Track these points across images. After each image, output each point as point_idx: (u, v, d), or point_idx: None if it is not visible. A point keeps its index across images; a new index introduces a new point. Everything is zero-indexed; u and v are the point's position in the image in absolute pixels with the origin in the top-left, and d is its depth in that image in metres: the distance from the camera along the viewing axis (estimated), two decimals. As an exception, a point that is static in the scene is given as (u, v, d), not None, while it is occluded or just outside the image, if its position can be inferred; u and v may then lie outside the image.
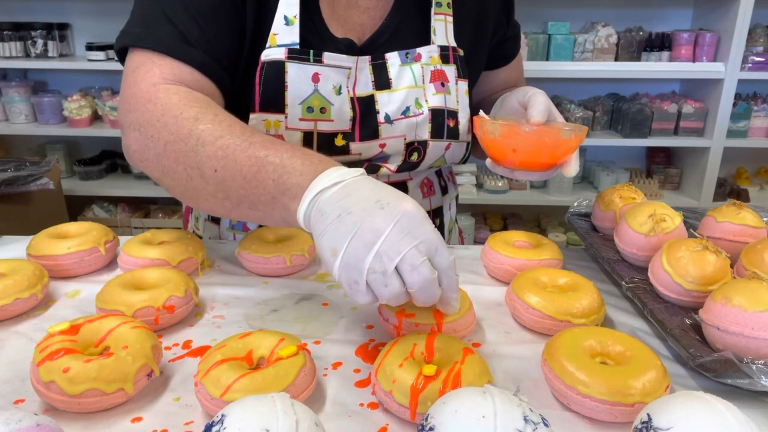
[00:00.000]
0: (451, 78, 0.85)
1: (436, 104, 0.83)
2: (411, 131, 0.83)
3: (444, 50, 0.84)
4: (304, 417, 0.41)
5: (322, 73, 0.77)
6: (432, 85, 0.83)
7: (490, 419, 0.39)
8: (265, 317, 0.68)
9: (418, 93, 0.83)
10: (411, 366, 0.51)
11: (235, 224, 0.94)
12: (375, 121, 0.82)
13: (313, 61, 0.76)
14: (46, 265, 0.73)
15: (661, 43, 2.41)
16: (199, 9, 0.71)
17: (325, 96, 0.78)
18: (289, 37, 0.76)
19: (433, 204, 0.96)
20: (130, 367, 0.51)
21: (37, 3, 2.64)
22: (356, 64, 0.80)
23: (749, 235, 0.73)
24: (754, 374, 0.51)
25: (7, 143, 2.82)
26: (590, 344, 0.55)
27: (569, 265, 0.83)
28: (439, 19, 0.85)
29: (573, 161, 0.73)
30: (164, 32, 0.71)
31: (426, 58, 0.83)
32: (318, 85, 0.77)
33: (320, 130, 0.79)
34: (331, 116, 0.79)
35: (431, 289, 0.51)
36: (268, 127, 0.78)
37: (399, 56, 0.82)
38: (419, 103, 0.83)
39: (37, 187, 2.04)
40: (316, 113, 0.78)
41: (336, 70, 0.78)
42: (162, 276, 0.68)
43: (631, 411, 0.49)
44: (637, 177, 2.69)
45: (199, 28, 0.71)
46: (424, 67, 0.83)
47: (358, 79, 0.81)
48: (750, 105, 2.47)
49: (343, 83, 0.79)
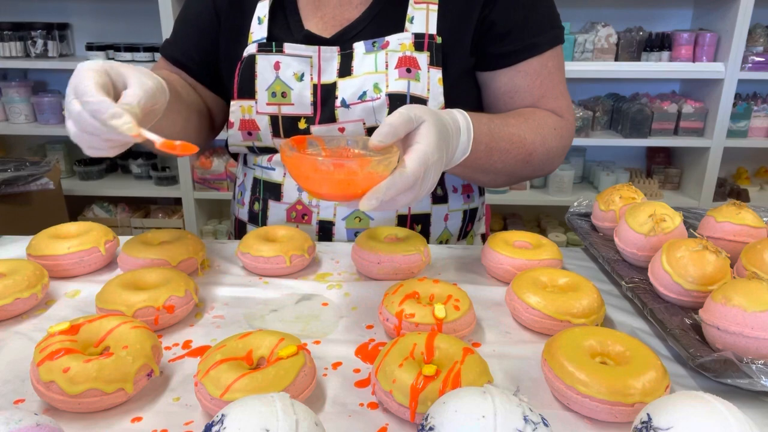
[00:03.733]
0: (422, 65, 0.84)
1: (396, 89, 0.84)
2: (369, 116, 0.85)
3: (419, 37, 0.85)
4: (304, 417, 0.41)
5: (283, 62, 0.88)
6: (396, 71, 0.84)
7: (490, 419, 0.39)
8: (265, 317, 0.68)
9: (378, 78, 0.85)
10: (411, 366, 0.51)
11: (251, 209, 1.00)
12: (333, 106, 0.87)
13: (275, 52, 0.88)
14: (46, 265, 0.73)
15: (661, 43, 2.41)
16: (184, 21, 0.99)
17: (285, 81, 0.88)
18: (260, 33, 0.90)
19: (414, 209, 0.92)
20: (130, 367, 0.51)
21: (37, 3, 2.64)
22: (318, 54, 0.87)
23: (749, 235, 0.73)
24: (754, 374, 0.51)
25: (7, 143, 2.83)
26: (590, 344, 0.55)
27: (569, 265, 0.83)
28: (420, 7, 0.86)
29: (366, 195, 0.57)
30: (168, 39, 1.00)
31: (395, 45, 0.85)
32: (279, 73, 0.88)
33: (284, 114, 0.89)
34: (291, 100, 0.88)
35: (81, 121, 0.58)
36: (243, 112, 0.90)
37: (365, 45, 0.86)
38: (378, 88, 0.85)
39: (37, 187, 2.04)
40: (278, 98, 0.88)
41: (297, 59, 0.88)
42: (162, 276, 0.68)
43: (631, 411, 0.49)
44: (637, 177, 2.69)
45: (179, 35, 0.98)
46: (390, 54, 0.85)
47: (324, 69, 0.88)
48: (750, 105, 2.47)
49: (306, 71, 0.88)
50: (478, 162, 0.78)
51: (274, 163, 0.94)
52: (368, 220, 0.92)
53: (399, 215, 0.93)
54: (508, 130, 0.81)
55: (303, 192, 0.92)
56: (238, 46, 0.91)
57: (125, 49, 2.43)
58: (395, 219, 0.93)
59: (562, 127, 0.90)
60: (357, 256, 0.78)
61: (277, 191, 0.94)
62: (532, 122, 0.86)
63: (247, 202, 0.99)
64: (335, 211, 0.91)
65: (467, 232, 1.01)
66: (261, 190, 0.96)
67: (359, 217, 0.92)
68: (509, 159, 0.83)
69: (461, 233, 0.99)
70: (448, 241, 0.97)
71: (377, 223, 0.92)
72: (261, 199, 0.96)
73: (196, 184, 2.53)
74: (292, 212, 0.93)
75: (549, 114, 0.90)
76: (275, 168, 0.94)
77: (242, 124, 0.91)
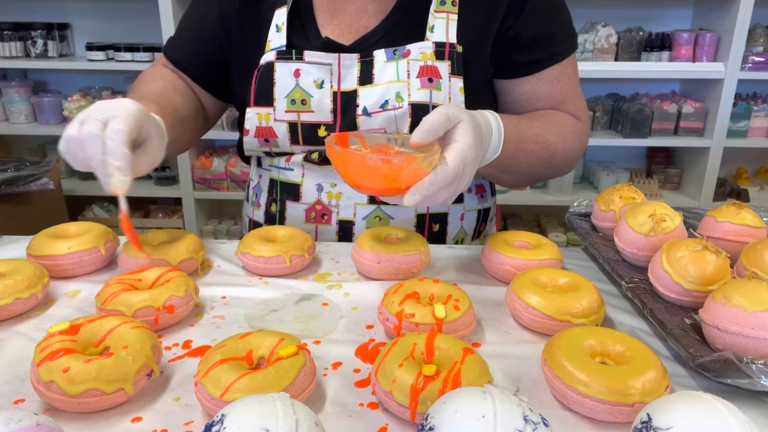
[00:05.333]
0: (444, 74, 0.85)
1: (418, 99, 0.84)
2: (391, 125, 0.86)
3: (440, 46, 0.85)
4: (304, 417, 0.41)
5: (303, 69, 0.87)
6: (418, 80, 0.84)
7: (490, 419, 0.39)
8: (265, 317, 0.68)
9: (400, 87, 0.85)
10: (411, 366, 0.51)
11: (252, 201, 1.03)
12: (354, 114, 0.87)
13: (295, 59, 0.87)
14: (46, 265, 0.73)
15: (661, 43, 2.41)
16: (187, 23, 0.99)
17: (306, 89, 0.87)
18: (278, 41, 0.89)
19: (432, 209, 0.94)
20: (130, 367, 0.51)
21: (37, 3, 2.64)
22: (338, 61, 0.87)
23: (749, 235, 0.73)
24: (754, 374, 0.51)
25: (7, 143, 2.82)
26: (590, 344, 0.55)
27: (569, 265, 0.83)
28: (440, 16, 0.86)
29: (410, 191, 0.61)
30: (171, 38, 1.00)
31: (416, 54, 0.85)
32: (299, 80, 0.87)
33: (303, 121, 0.88)
34: (311, 107, 0.88)
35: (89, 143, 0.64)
36: (260, 119, 0.89)
37: (386, 53, 0.86)
38: (400, 96, 0.85)
39: (37, 187, 2.04)
40: (298, 105, 0.87)
41: (317, 67, 0.87)
42: (162, 276, 0.68)
43: (631, 411, 0.49)
44: (637, 177, 2.69)
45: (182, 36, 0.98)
46: (411, 63, 0.85)
47: (344, 76, 0.87)
48: (750, 105, 2.47)
49: (325, 78, 0.87)
50: (506, 162, 0.80)
51: (292, 163, 0.93)
52: (388, 219, 0.92)
53: (418, 215, 0.93)
54: (533, 132, 0.84)
55: (323, 192, 0.92)
56: (254, 54, 0.91)
57: (125, 49, 2.43)
58: (414, 219, 0.93)
59: (580, 129, 0.94)
60: (357, 256, 0.78)
61: (296, 192, 0.93)
62: (555, 124, 0.89)
63: (263, 203, 0.99)
64: (355, 211, 0.92)
65: (480, 232, 1.02)
66: (278, 191, 0.96)
67: (379, 216, 0.92)
68: (533, 159, 0.85)
69: (476, 232, 1.01)
70: (463, 241, 0.99)
71: (397, 223, 0.92)
72: (278, 200, 0.96)
73: (196, 184, 2.53)
74: (311, 212, 0.93)
75: (568, 116, 0.93)
76: (293, 168, 0.93)
77: (258, 131, 0.90)
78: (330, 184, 0.92)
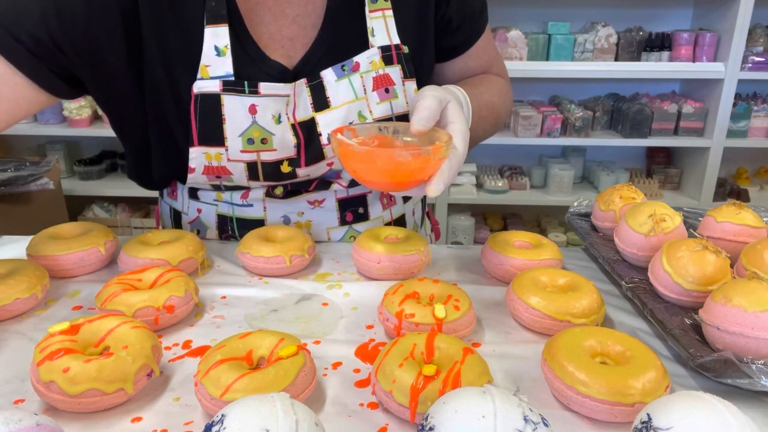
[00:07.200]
0: (396, 80, 0.81)
1: (381, 114, 0.80)
2: None
3: (386, 50, 0.80)
4: (304, 417, 0.41)
5: (260, 104, 0.76)
6: (375, 94, 0.80)
7: (490, 419, 0.39)
8: (265, 317, 0.68)
9: (360, 106, 0.80)
10: (411, 366, 0.51)
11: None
12: (318, 144, 0.80)
13: (248, 93, 0.75)
14: (46, 265, 0.73)
15: (661, 43, 2.41)
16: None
17: (265, 127, 0.77)
18: (223, 68, 0.75)
19: (395, 214, 0.94)
20: (130, 367, 0.51)
21: (37, 3, 2.64)
22: (293, 90, 0.78)
23: (749, 235, 0.73)
24: (754, 374, 0.51)
25: (7, 143, 2.83)
26: (590, 344, 0.55)
27: (569, 265, 0.83)
28: (377, 16, 0.80)
29: (434, 181, 0.62)
30: None
31: (366, 65, 0.79)
32: (256, 117, 0.76)
33: (264, 160, 0.79)
34: (273, 146, 0.78)
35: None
36: (209, 159, 0.78)
37: (334, 71, 0.79)
38: (362, 116, 0.80)
39: (37, 187, 2.04)
40: (257, 144, 0.77)
41: (274, 99, 0.76)
42: (162, 276, 0.68)
43: (631, 411, 0.49)
44: (637, 177, 2.69)
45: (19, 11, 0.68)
46: (364, 76, 0.79)
47: (297, 104, 0.79)
48: (750, 105, 2.48)
49: (282, 111, 0.78)
50: (470, 133, 0.78)
51: (251, 200, 0.86)
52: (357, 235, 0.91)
53: (386, 223, 0.93)
54: (484, 98, 0.85)
55: (291, 223, 0.87)
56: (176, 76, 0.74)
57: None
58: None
59: (508, 87, 0.98)
60: (357, 256, 0.78)
61: (259, 227, 0.84)
62: (493, 87, 0.91)
63: (214, 237, 0.90)
64: (329, 235, 0.90)
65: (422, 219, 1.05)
66: (234, 227, 0.88)
67: (353, 235, 0.91)
68: (487, 125, 0.87)
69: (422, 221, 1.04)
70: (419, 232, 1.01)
71: None
72: (237, 236, 0.88)
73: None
74: None
75: (499, 78, 0.97)
76: (253, 204, 0.86)
77: (207, 170, 0.79)
78: (297, 213, 0.87)
